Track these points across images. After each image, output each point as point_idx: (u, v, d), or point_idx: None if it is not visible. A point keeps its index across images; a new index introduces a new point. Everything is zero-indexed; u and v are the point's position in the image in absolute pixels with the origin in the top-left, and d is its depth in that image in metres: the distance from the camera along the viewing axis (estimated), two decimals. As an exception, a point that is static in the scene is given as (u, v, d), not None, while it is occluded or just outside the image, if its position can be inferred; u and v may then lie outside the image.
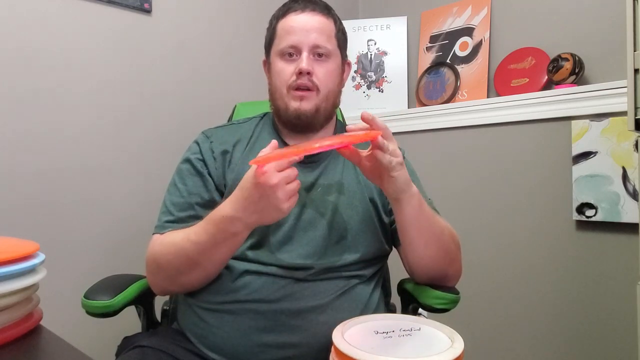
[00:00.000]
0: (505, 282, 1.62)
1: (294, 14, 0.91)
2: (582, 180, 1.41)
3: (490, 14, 1.72)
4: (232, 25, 1.73)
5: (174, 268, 0.82)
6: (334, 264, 0.86)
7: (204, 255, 0.78)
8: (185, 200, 0.89)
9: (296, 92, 0.89)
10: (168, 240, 0.83)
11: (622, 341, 1.36)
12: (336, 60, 0.94)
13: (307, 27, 0.89)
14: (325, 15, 0.93)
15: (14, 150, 1.26)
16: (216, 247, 0.77)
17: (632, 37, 0.92)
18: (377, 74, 2.01)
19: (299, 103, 0.89)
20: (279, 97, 0.92)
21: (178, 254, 0.80)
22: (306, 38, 0.89)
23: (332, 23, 0.94)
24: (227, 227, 0.74)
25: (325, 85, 0.90)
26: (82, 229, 1.37)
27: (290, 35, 0.90)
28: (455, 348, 0.60)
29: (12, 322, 0.58)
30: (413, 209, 0.81)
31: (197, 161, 0.91)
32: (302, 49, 0.89)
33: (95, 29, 1.40)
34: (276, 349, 0.78)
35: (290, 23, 0.91)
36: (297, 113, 0.89)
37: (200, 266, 0.80)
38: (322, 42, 0.90)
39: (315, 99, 0.90)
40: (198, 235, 0.78)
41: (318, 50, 0.90)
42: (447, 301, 0.89)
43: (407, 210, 0.81)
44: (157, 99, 1.54)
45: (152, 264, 0.86)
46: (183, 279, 0.83)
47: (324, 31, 0.91)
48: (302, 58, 0.88)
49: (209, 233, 0.76)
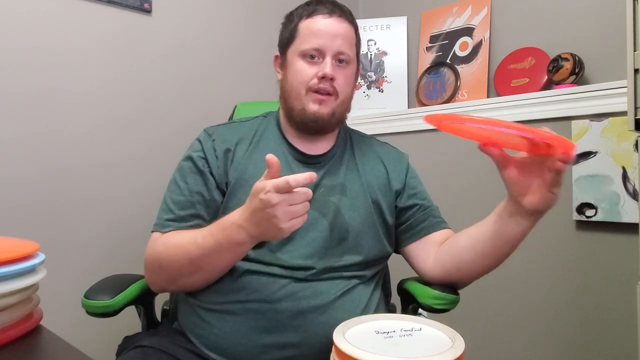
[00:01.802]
0: (505, 282, 1.62)
1: (322, 16, 0.91)
2: (582, 180, 1.41)
3: (490, 14, 1.72)
4: (232, 25, 1.73)
5: (175, 270, 0.82)
6: (335, 265, 0.86)
7: (207, 259, 0.78)
8: (186, 198, 0.88)
9: (316, 94, 0.89)
10: (173, 242, 0.82)
11: (622, 341, 1.36)
12: (354, 67, 0.95)
13: (333, 32, 0.90)
14: (349, 22, 0.94)
15: (14, 151, 1.26)
16: (220, 253, 0.77)
17: (632, 37, 0.92)
18: (377, 74, 2.01)
19: (317, 107, 0.89)
20: (295, 96, 0.91)
21: (182, 257, 0.79)
22: (332, 43, 0.89)
23: (353, 30, 0.95)
24: (233, 235, 0.74)
25: (344, 91, 0.91)
26: (82, 229, 1.37)
27: (317, 38, 0.89)
28: (456, 348, 0.60)
29: (12, 322, 0.58)
30: (528, 229, 0.82)
31: (199, 159, 0.91)
32: (326, 53, 0.89)
33: (95, 29, 1.40)
34: (277, 349, 0.78)
35: (317, 26, 0.90)
36: (315, 116, 0.89)
37: (202, 271, 0.80)
38: (346, 49, 0.91)
39: (333, 103, 0.90)
40: (204, 239, 0.77)
41: (341, 56, 0.90)
42: (447, 301, 0.89)
43: (524, 229, 0.82)
44: (157, 99, 1.54)
45: (153, 264, 0.85)
46: (183, 281, 0.83)
47: (347, 38, 0.92)
48: (326, 63, 0.88)
49: (215, 238, 0.76)
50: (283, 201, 0.66)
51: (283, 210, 0.67)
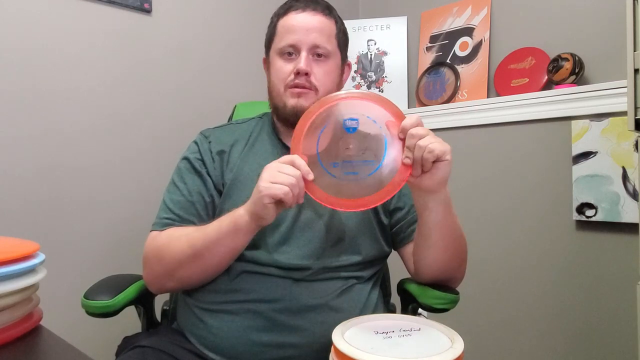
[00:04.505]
0: (505, 282, 1.62)
1: (295, 12, 0.91)
2: (582, 180, 1.41)
3: (490, 14, 1.72)
4: (232, 25, 1.73)
5: (175, 259, 0.81)
6: (332, 265, 0.86)
7: (207, 245, 0.79)
8: (185, 198, 0.89)
9: (294, 89, 0.89)
10: (177, 233, 0.84)
11: (622, 341, 1.36)
12: (336, 61, 0.93)
13: (307, 26, 0.89)
14: (326, 15, 0.92)
15: (14, 150, 1.26)
16: (220, 238, 0.78)
17: (632, 37, 0.92)
18: (377, 74, 2.01)
19: (296, 100, 0.89)
20: (276, 95, 0.92)
21: (183, 243, 0.81)
22: (306, 37, 0.88)
23: (333, 23, 0.93)
24: (235, 217, 0.77)
25: (323, 85, 0.90)
26: (82, 229, 1.37)
27: (290, 34, 0.89)
28: (455, 348, 0.60)
29: (12, 322, 0.58)
30: (444, 210, 0.80)
31: (196, 160, 0.92)
32: (302, 48, 0.88)
33: (95, 29, 1.40)
34: (275, 348, 0.78)
35: (291, 22, 0.90)
36: (294, 110, 0.89)
37: (202, 259, 0.80)
38: (322, 42, 0.89)
39: (314, 97, 0.89)
40: (208, 226, 0.80)
41: (317, 50, 0.89)
42: (447, 301, 0.89)
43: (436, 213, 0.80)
44: (157, 99, 1.54)
45: (152, 257, 0.85)
46: (182, 273, 0.83)
47: (324, 31, 0.90)
48: (301, 58, 0.88)
49: (219, 222, 0.79)
50: (272, 165, 0.72)
51: (269, 173, 0.71)
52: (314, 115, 0.74)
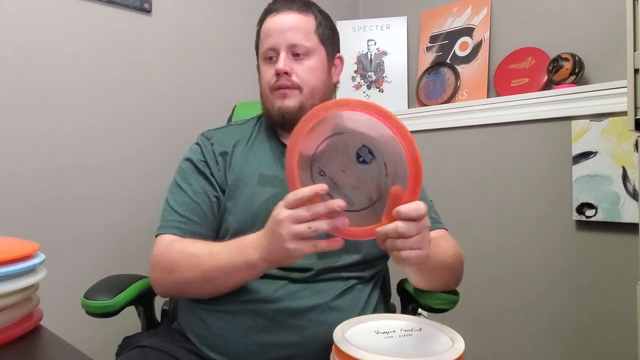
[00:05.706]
0: (505, 282, 1.62)
1: (271, 16, 0.92)
2: (582, 180, 1.41)
3: (490, 14, 1.72)
4: (232, 25, 1.73)
5: (186, 279, 0.80)
6: (333, 265, 0.86)
7: (219, 275, 0.77)
8: (191, 199, 0.88)
9: (278, 91, 0.90)
10: (189, 250, 0.81)
11: (622, 341, 1.36)
12: (319, 56, 0.93)
13: (282, 27, 0.90)
14: (301, 12, 0.92)
15: (14, 150, 1.26)
16: (232, 271, 0.75)
17: (632, 37, 0.92)
18: (377, 74, 2.01)
19: (282, 100, 0.90)
20: (265, 99, 0.94)
21: (194, 267, 0.78)
22: (281, 38, 0.89)
23: (311, 19, 0.93)
24: (246, 254, 0.72)
25: (307, 83, 0.90)
26: (82, 229, 1.37)
27: (268, 37, 0.91)
28: (456, 349, 0.60)
29: (12, 322, 0.58)
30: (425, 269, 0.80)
31: (200, 162, 0.92)
32: (280, 49, 0.89)
33: (95, 29, 1.40)
34: (276, 348, 0.78)
35: (269, 25, 0.92)
36: (281, 111, 0.90)
37: (213, 284, 0.79)
38: (299, 41, 0.89)
39: (299, 96, 0.90)
40: (220, 252, 0.76)
41: (295, 49, 0.90)
42: (447, 301, 0.89)
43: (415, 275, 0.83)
44: (157, 99, 1.54)
45: (163, 269, 0.83)
46: (191, 291, 0.82)
47: (300, 29, 0.90)
48: (280, 59, 0.89)
49: (231, 254, 0.74)
50: (288, 217, 0.63)
51: (287, 229, 0.63)
52: (317, 119, 0.66)
